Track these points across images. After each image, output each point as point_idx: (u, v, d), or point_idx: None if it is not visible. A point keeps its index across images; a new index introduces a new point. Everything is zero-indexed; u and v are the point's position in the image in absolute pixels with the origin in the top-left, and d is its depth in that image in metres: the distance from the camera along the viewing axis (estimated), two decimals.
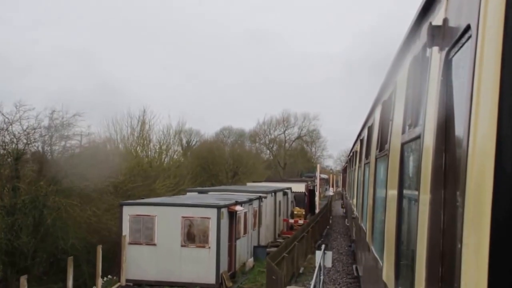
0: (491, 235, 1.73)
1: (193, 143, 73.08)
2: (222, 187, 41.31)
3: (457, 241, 2.14)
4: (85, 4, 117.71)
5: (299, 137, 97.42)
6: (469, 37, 2.23)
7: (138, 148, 47.46)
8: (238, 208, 24.11)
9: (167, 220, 22.42)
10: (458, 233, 2.12)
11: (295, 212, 42.02)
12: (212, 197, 27.83)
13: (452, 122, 2.65)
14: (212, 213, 22.14)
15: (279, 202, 36.76)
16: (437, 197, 2.79)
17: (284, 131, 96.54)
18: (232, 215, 23.67)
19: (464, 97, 2.20)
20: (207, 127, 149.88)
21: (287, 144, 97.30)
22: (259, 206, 29.88)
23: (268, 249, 28.30)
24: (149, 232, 22.71)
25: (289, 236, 30.75)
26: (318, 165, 49.61)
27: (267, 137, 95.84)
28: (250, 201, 27.45)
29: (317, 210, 44.20)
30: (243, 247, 26.32)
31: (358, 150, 14.66)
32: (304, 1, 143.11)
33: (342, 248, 28.49)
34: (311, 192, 50.16)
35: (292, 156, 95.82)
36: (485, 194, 1.80)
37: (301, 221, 37.99)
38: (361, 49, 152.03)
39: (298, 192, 45.65)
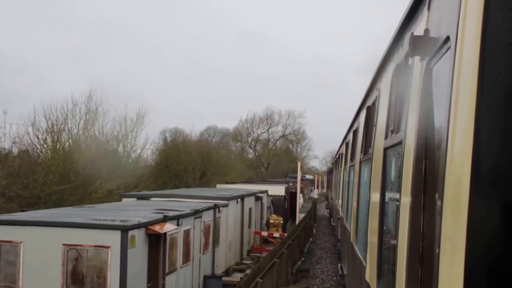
0: (467, 240, 1.80)
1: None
2: (176, 191, 32.03)
3: (435, 244, 2.21)
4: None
5: (283, 135, 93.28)
6: (448, 48, 2.32)
7: (67, 141, 37.17)
8: (168, 227, 15.30)
9: (40, 249, 13.56)
10: (437, 237, 2.19)
11: (271, 221, 34.58)
12: (140, 207, 19.00)
13: (432, 130, 2.74)
14: (113, 239, 13.21)
15: (249, 209, 28.82)
16: (417, 201, 2.88)
17: (268, 129, 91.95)
18: (157, 238, 15.03)
19: (444, 106, 2.28)
20: (194, 126, 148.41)
21: (270, 143, 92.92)
22: (214, 219, 21.04)
23: (226, 278, 20.78)
24: (11, 269, 13.68)
25: (259, 254, 25.82)
26: (299, 163, 39.33)
27: (249, 135, 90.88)
28: (195, 213, 18.45)
29: (298, 219, 36.31)
30: (183, 282, 17.52)
31: (344, 152, 14.78)
32: (294, 4, 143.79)
33: (329, 276, 20.83)
34: (292, 195, 42.91)
35: (276, 155, 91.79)
36: (462, 199, 1.87)
37: (277, 234, 30.80)
38: (349, 53, 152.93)
39: (276, 195, 38.86)
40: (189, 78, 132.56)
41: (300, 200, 46.83)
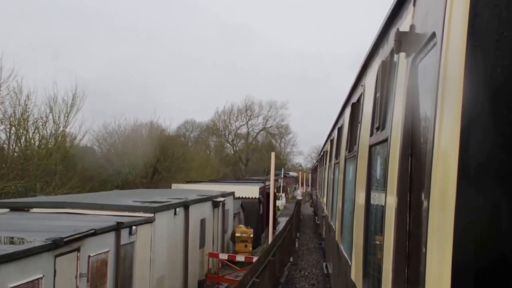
0: (454, 238, 1.79)
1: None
2: (75, 197, 21.90)
3: (422, 243, 2.19)
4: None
5: (264, 128, 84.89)
6: (434, 44, 2.29)
7: None
8: None
9: None
10: (423, 236, 2.17)
11: (237, 234, 25.05)
12: None
13: (418, 127, 2.71)
14: None
15: (202, 221, 20.70)
16: (403, 200, 2.85)
17: (247, 122, 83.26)
18: None
19: (430, 103, 2.26)
20: (155, 113, 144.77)
21: (250, 137, 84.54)
22: (118, 248, 12.72)
23: None
24: None
25: None
26: (273, 154, 26.73)
27: (226, 128, 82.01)
28: (56, 246, 9.71)
29: (271, 234, 24.15)
30: None
31: (329, 149, 14.82)
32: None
33: None
34: (269, 198, 29.42)
35: (256, 151, 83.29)
36: (448, 197, 1.85)
37: (242, 257, 21.32)
38: (337, 49, 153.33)
39: (248, 198, 30.20)
40: (171, 71, 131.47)
41: (282, 200, 39.50)
